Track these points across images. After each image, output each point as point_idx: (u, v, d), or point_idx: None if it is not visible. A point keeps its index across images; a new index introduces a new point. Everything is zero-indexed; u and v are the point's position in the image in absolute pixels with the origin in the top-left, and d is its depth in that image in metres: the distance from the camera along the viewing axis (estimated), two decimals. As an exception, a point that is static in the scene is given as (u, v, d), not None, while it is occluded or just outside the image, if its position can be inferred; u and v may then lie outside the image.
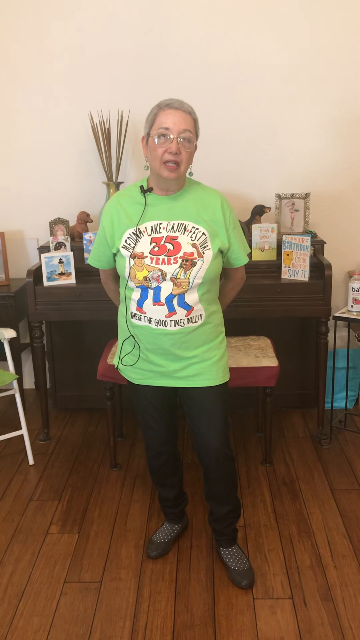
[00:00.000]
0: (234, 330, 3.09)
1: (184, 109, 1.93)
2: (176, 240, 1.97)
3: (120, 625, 2.05)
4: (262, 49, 3.35)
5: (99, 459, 3.11)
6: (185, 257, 1.95)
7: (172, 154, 1.89)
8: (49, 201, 3.60)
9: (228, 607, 2.12)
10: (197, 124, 1.97)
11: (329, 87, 3.39)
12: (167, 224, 1.98)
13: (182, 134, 1.90)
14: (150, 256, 1.96)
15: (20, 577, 2.29)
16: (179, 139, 1.90)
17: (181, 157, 1.91)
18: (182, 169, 1.93)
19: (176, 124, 1.89)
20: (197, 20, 3.32)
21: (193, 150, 1.96)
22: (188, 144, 1.92)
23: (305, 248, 3.01)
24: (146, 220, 1.99)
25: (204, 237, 1.98)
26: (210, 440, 2.15)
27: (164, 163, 1.91)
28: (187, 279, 1.96)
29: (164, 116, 1.91)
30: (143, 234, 1.98)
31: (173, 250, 1.96)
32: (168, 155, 1.90)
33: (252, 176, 3.51)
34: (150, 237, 1.98)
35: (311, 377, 3.50)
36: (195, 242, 1.97)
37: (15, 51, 3.41)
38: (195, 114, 1.96)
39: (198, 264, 1.96)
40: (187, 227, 1.98)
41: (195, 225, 1.98)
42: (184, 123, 1.90)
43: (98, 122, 3.36)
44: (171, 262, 1.95)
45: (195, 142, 1.95)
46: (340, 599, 2.13)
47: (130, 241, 1.99)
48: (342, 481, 2.84)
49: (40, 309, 3.09)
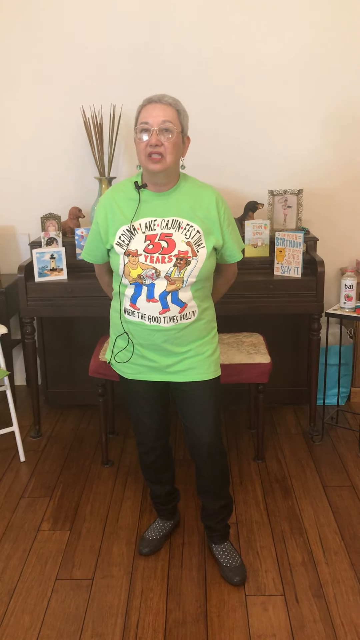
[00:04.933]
0: (227, 326, 3.08)
1: (164, 101, 1.91)
2: (170, 237, 1.95)
3: (112, 623, 2.04)
4: (257, 45, 3.33)
5: (90, 455, 3.10)
6: (180, 255, 1.94)
7: (152, 145, 1.88)
8: (40, 196, 3.57)
9: (220, 604, 2.11)
10: (181, 115, 1.94)
11: (325, 85, 3.38)
12: (162, 221, 1.97)
13: (161, 125, 1.88)
14: (145, 254, 1.95)
15: (11, 574, 2.28)
16: (158, 130, 1.88)
17: (164, 148, 1.89)
18: (168, 160, 1.91)
19: (155, 117, 1.89)
20: (192, 17, 3.30)
21: (178, 140, 1.92)
22: (168, 134, 1.89)
23: (297, 245, 3.01)
24: (140, 216, 1.98)
25: (198, 235, 1.97)
26: (202, 434, 2.14)
27: (148, 156, 1.90)
28: (181, 278, 1.95)
29: (145, 112, 1.92)
30: (137, 231, 1.97)
31: (167, 248, 1.95)
32: (149, 147, 1.89)
33: (246, 172, 3.50)
34: (145, 235, 1.96)
35: (303, 373, 3.50)
36: (189, 240, 1.95)
37: (7, 45, 3.38)
38: (178, 105, 1.94)
39: (192, 263, 1.95)
40: (181, 224, 1.96)
41: (190, 222, 1.97)
42: (163, 114, 1.89)
43: (90, 117, 3.34)
44: (165, 261, 1.94)
45: (177, 131, 1.91)
46: (332, 596, 2.14)
47: (124, 238, 1.98)
48: (334, 478, 2.84)
49: (31, 305, 3.07)
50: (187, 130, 1.99)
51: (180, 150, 1.96)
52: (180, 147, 1.95)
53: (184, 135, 1.97)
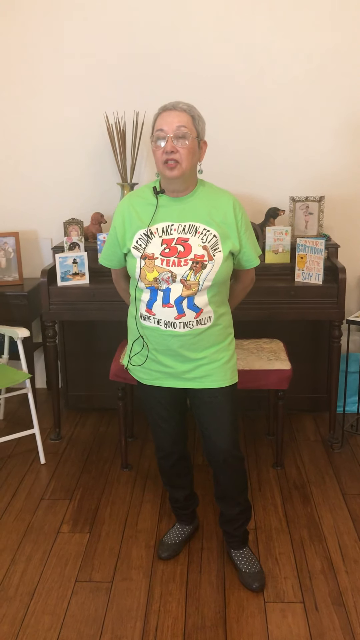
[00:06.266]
0: (247, 332, 3.08)
1: (178, 108, 1.93)
2: (187, 242, 1.97)
3: (131, 626, 2.05)
4: (274, 52, 3.34)
5: (110, 459, 3.12)
6: (196, 259, 1.95)
7: (168, 152, 1.90)
8: (63, 201, 3.61)
9: (239, 609, 2.11)
10: (196, 120, 1.95)
11: (344, 90, 3.38)
12: (179, 226, 1.98)
13: (176, 131, 1.90)
14: (161, 257, 1.97)
15: (31, 575, 2.30)
16: (173, 137, 1.90)
17: (179, 155, 1.91)
18: (184, 166, 1.92)
19: (170, 123, 1.90)
20: (210, 25, 3.32)
21: (193, 146, 1.93)
22: (184, 140, 1.91)
23: (319, 251, 3.00)
24: (157, 221, 2.00)
25: (214, 239, 1.98)
26: (219, 441, 2.15)
27: (164, 163, 1.92)
28: (197, 281, 1.96)
29: (160, 120, 1.94)
30: (154, 235, 1.99)
31: (184, 252, 1.96)
32: (165, 155, 1.91)
33: (267, 179, 3.51)
34: (162, 239, 1.98)
35: (323, 380, 3.49)
36: (206, 244, 1.97)
37: (31, 52, 3.43)
38: (193, 110, 1.95)
39: (208, 267, 1.96)
40: (198, 228, 1.98)
41: (207, 227, 1.98)
42: (177, 120, 1.90)
43: (113, 123, 3.38)
44: (181, 264, 1.95)
45: (192, 137, 1.92)
46: (352, 604, 2.12)
47: (141, 242, 2.00)
48: (353, 486, 2.83)
49: (53, 309, 3.10)
50: (203, 135, 1.99)
51: (196, 156, 1.97)
52: (196, 153, 1.96)
53: (200, 140, 1.98)
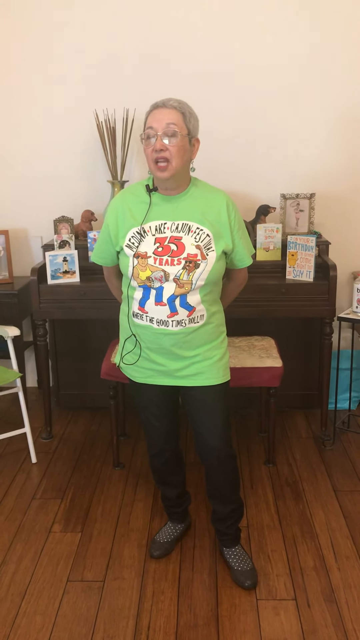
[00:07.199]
0: (238, 330, 3.08)
1: (169, 105, 1.90)
2: (180, 240, 1.96)
3: (123, 625, 2.05)
4: (266, 49, 3.34)
5: (101, 457, 3.11)
6: (189, 258, 1.94)
7: (157, 151, 1.88)
8: (53, 199, 3.59)
9: (231, 607, 2.11)
10: (187, 117, 1.92)
11: (335, 88, 3.38)
12: (172, 224, 1.98)
13: (165, 129, 1.88)
14: (154, 256, 1.96)
15: (22, 575, 2.29)
16: (162, 134, 1.88)
17: (169, 153, 1.88)
18: (175, 164, 1.90)
19: (159, 121, 1.89)
20: (202, 22, 3.31)
21: (183, 144, 1.91)
22: (174, 138, 1.89)
23: (310, 248, 3.01)
24: (150, 219, 1.98)
25: (208, 239, 1.97)
26: (211, 439, 2.14)
27: (155, 163, 1.90)
28: (189, 281, 1.95)
29: (150, 117, 1.92)
30: (147, 234, 1.98)
31: (177, 251, 1.95)
32: (155, 153, 1.89)
33: (258, 176, 3.50)
34: (155, 237, 1.97)
35: (315, 377, 3.49)
36: (199, 243, 1.96)
37: (20, 49, 3.41)
38: (184, 107, 1.92)
39: (201, 266, 1.96)
40: (191, 227, 1.97)
41: (200, 226, 1.97)
42: (167, 118, 1.88)
43: (103, 120, 3.36)
44: (174, 263, 1.95)
45: (182, 134, 1.90)
46: (344, 601, 2.13)
47: (134, 240, 1.99)
48: (345, 482, 2.83)
49: (44, 307, 3.09)
50: (195, 132, 1.97)
51: (187, 154, 1.94)
52: (187, 150, 1.93)
53: (192, 137, 1.95)
